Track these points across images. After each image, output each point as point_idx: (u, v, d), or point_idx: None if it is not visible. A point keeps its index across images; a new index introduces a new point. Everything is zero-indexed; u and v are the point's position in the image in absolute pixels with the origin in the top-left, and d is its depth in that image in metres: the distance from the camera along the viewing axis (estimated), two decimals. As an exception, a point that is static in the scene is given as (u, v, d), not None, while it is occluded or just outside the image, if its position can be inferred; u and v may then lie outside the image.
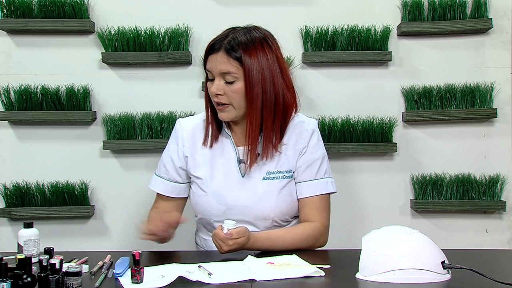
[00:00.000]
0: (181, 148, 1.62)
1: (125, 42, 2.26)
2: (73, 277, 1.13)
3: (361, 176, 2.34)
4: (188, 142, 1.62)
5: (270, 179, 1.57)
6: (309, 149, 1.59)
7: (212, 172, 1.59)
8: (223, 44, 1.48)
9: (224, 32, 1.53)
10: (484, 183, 2.30)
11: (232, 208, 1.56)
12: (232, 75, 1.48)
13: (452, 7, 2.28)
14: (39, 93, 2.27)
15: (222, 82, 1.49)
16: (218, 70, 1.49)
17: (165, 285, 1.16)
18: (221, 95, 1.50)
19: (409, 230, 1.27)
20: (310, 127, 1.61)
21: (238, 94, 1.49)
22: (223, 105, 1.51)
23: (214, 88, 1.49)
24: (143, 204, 2.35)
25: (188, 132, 1.63)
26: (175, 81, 2.34)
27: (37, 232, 1.41)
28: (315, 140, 1.61)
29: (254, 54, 1.47)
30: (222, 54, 1.48)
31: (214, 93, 1.50)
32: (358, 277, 1.23)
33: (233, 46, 1.47)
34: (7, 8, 2.25)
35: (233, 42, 1.48)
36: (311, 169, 1.59)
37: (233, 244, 1.37)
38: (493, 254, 1.53)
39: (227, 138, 1.61)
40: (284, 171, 1.58)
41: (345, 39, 2.28)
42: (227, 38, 1.49)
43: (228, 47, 1.47)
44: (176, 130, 1.65)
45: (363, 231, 1.32)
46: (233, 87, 1.48)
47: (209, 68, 1.52)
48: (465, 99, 2.29)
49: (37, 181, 2.30)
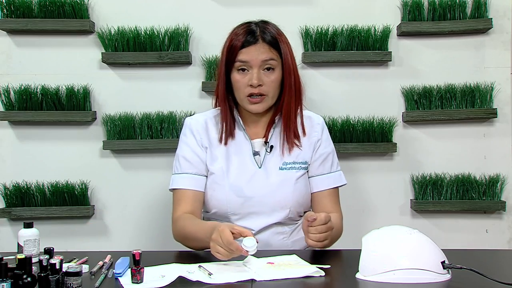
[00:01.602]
0: (199, 140, 1.63)
1: (125, 42, 2.26)
2: (73, 277, 1.13)
3: (361, 176, 2.34)
4: (204, 136, 1.63)
5: (287, 169, 1.60)
6: (323, 143, 1.65)
7: (227, 166, 1.60)
8: (258, 35, 1.53)
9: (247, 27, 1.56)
10: (484, 183, 2.30)
11: (249, 200, 1.58)
12: (273, 63, 1.53)
13: (452, 7, 2.28)
14: (39, 93, 2.27)
15: (261, 72, 1.54)
16: (260, 59, 1.53)
17: (165, 285, 1.16)
18: (261, 85, 1.53)
19: (409, 230, 1.27)
20: (321, 121, 1.68)
21: (275, 83, 1.55)
22: (261, 96, 1.54)
23: (255, 78, 1.52)
24: (143, 204, 2.36)
25: (202, 126, 1.64)
26: (175, 81, 2.34)
27: (37, 232, 1.41)
28: (326, 134, 1.68)
29: (285, 42, 1.56)
30: (262, 44, 1.53)
31: (256, 84, 1.52)
32: (358, 277, 1.23)
33: (270, 36, 1.54)
34: (7, 8, 2.25)
35: (267, 32, 1.54)
36: (326, 163, 1.65)
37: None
38: (493, 254, 1.53)
39: (240, 131, 1.63)
40: (300, 162, 1.62)
41: (345, 39, 2.28)
42: (258, 31, 1.54)
43: (265, 37, 1.53)
44: (189, 125, 1.66)
45: (363, 231, 1.32)
46: (273, 76, 1.54)
47: (246, 59, 1.53)
48: (465, 99, 2.29)
49: (37, 181, 2.30)
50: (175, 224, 1.57)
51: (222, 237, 1.26)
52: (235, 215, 1.59)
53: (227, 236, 1.25)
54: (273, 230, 1.61)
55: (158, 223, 2.34)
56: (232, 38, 1.55)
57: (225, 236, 1.26)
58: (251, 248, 1.26)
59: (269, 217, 1.59)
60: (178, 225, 1.55)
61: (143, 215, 2.36)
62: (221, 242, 1.26)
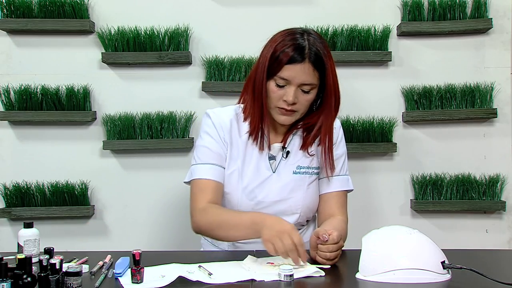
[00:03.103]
0: (222, 136, 1.58)
1: (125, 42, 2.26)
2: (73, 277, 1.13)
3: (361, 176, 2.34)
4: (227, 133, 1.59)
5: (301, 173, 1.59)
6: (336, 145, 1.64)
7: (243, 168, 1.58)
8: (306, 54, 1.45)
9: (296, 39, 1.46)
10: (484, 183, 2.30)
11: (260, 204, 1.57)
12: (311, 86, 1.48)
13: (452, 7, 2.28)
14: (39, 93, 2.27)
15: (299, 91, 1.48)
16: (300, 81, 1.46)
17: (165, 285, 1.16)
18: (295, 104, 1.49)
19: (409, 230, 1.27)
20: (338, 125, 1.66)
21: (309, 102, 1.51)
22: (292, 112, 1.51)
23: (292, 97, 1.46)
24: (143, 204, 2.36)
25: (225, 123, 1.59)
26: (175, 81, 2.34)
27: (37, 232, 1.41)
28: (341, 137, 1.66)
29: (331, 63, 1.50)
30: (308, 66, 1.45)
31: (290, 102, 1.47)
32: (358, 277, 1.23)
33: (318, 57, 1.46)
34: (7, 8, 2.25)
35: (316, 51, 1.45)
36: (337, 165, 1.63)
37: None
38: (493, 254, 1.53)
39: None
40: (314, 167, 1.61)
41: (345, 39, 2.28)
42: (307, 46, 1.45)
43: (313, 57, 1.45)
44: (211, 117, 1.60)
45: (363, 231, 1.32)
46: (308, 96, 1.49)
47: (287, 77, 1.46)
48: (465, 99, 2.29)
49: (37, 181, 2.30)
50: (201, 213, 1.50)
51: (295, 236, 1.27)
52: None
53: (300, 239, 1.27)
54: None
55: (158, 223, 2.34)
56: (278, 48, 1.46)
57: (298, 238, 1.27)
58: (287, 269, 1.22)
59: None
60: (208, 213, 1.49)
61: (143, 215, 2.36)
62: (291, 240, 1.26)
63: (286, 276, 1.20)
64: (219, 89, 2.28)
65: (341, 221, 1.58)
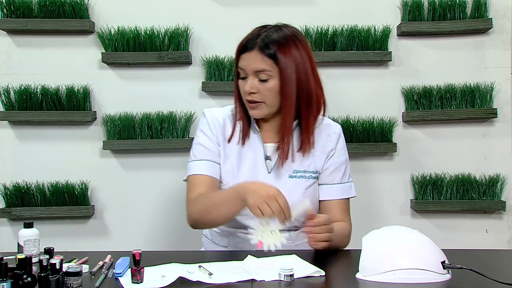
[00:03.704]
0: (215, 134, 1.61)
1: (125, 42, 2.26)
2: (73, 277, 1.13)
3: (361, 176, 2.34)
4: (219, 132, 1.61)
5: (297, 177, 1.58)
6: (336, 152, 1.62)
7: (239, 167, 1.59)
8: (256, 43, 1.48)
9: (255, 31, 1.52)
10: (484, 183, 2.30)
11: None
12: (266, 73, 1.48)
13: (452, 7, 2.28)
14: (39, 93, 2.27)
15: (255, 80, 1.50)
16: (252, 68, 1.49)
17: (165, 285, 1.16)
18: (254, 93, 1.50)
19: (409, 230, 1.27)
20: (338, 131, 1.64)
21: (272, 91, 1.50)
22: (256, 103, 1.52)
23: (248, 86, 1.50)
24: (143, 204, 2.36)
25: (219, 123, 1.62)
26: (175, 81, 2.34)
27: (37, 232, 1.41)
28: (342, 144, 1.65)
29: (287, 51, 1.48)
30: (256, 53, 1.48)
31: (248, 91, 1.50)
32: (358, 277, 1.23)
33: (267, 44, 1.47)
34: (7, 8, 2.25)
35: (266, 40, 1.48)
36: (338, 172, 1.62)
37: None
38: (493, 254, 1.53)
39: (255, 133, 1.61)
40: (311, 171, 1.60)
41: (345, 39, 2.28)
42: (260, 37, 1.49)
43: (262, 45, 1.47)
44: (206, 116, 1.64)
45: (363, 231, 1.32)
46: (267, 85, 1.49)
47: (242, 66, 1.51)
48: (465, 99, 2.29)
49: (37, 181, 2.30)
50: (193, 204, 1.53)
51: (280, 199, 1.31)
52: (240, 216, 1.58)
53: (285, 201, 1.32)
54: None
55: (159, 223, 2.34)
56: (241, 42, 1.53)
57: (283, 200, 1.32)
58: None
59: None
60: (198, 201, 1.51)
61: (143, 215, 2.36)
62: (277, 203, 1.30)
63: (286, 276, 1.20)
64: (219, 89, 2.28)
65: (342, 225, 1.58)
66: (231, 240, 1.61)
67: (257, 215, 1.32)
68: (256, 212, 1.32)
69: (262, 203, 1.31)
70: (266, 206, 1.30)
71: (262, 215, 1.31)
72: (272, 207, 1.30)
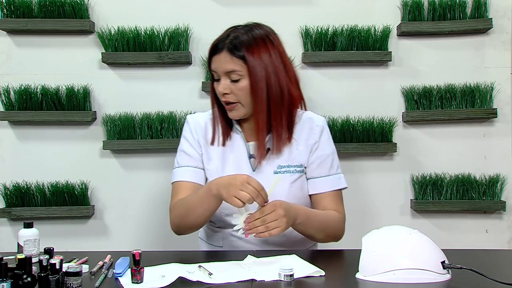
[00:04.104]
0: (196, 138, 1.63)
1: (125, 42, 2.26)
2: (73, 277, 1.13)
3: (361, 176, 2.34)
4: (201, 136, 1.63)
5: (281, 173, 1.58)
6: (321, 145, 1.62)
7: (223, 167, 1.60)
8: (225, 44, 1.50)
9: (226, 32, 1.54)
10: (484, 183, 2.30)
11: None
12: (236, 73, 1.49)
13: (452, 7, 2.28)
14: (39, 93, 2.27)
15: (227, 81, 1.51)
16: (222, 70, 1.51)
17: (165, 285, 1.16)
18: (228, 94, 1.52)
19: (409, 230, 1.27)
20: (320, 123, 1.64)
21: (244, 91, 1.51)
22: (232, 103, 1.53)
23: (221, 87, 1.51)
24: (143, 204, 2.36)
25: (200, 127, 1.64)
26: (175, 81, 2.34)
27: (37, 232, 1.41)
28: (326, 136, 1.64)
29: (256, 51, 1.49)
30: (225, 54, 1.49)
31: (221, 93, 1.52)
32: (358, 277, 1.23)
33: (236, 45, 1.49)
34: (7, 8, 2.25)
35: (235, 41, 1.49)
36: (325, 165, 1.62)
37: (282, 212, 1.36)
38: (493, 254, 1.53)
39: (237, 133, 1.62)
40: (295, 165, 1.60)
41: (345, 39, 2.28)
42: (228, 38, 1.50)
43: (230, 46, 1.49)
44: (189, 123, 1.66)
45: (363, 231, 1.32)
46: (239, 85, 1.50)
47: (213, 69, 1.54)
48: (465, 99, 2.29)
49: (37, 181, 2.30)
50: (173, 209, 1.55)
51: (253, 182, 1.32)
52: (229, 215, 1.59)
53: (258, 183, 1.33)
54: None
55: (158, 223, 2.34)
56: (212, 43, 1.54)
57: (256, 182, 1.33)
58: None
59: None
60: (176, 206, 1.54)
61: (143, 215, 2.36)
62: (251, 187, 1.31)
63: (286, 276, 1.20)
64: (219, 89, 2.27)
65: (333, 213, 1.57)
66: (226, 240, 1.62)
67: (236, 205, 1.33)
68: (235, 202, 1.33)
69: (237, 191, 1.32)
70: (242, 192, 1.32)
71: (241, 203, 1.33)
72: (248, 191, 1.32)
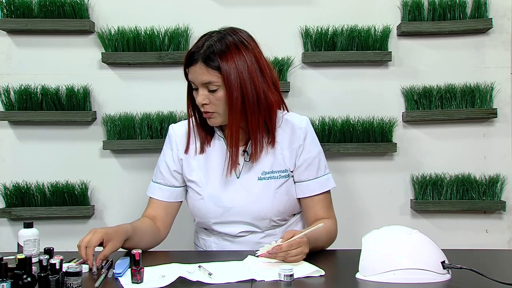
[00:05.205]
0: (175, 152, 1.63)
1: (125, 42, 2.26)
2: (73, 277, 1.13)
3: (361, 176, 2.34)
4: (181, 146, 1.63)
5: (266, 179, 1.57)
6: (306, 147, 1.59)
7: (207, 175, 1.59)
8: (200, 55, 1.47)
9: (200, 41, 1.51)
10: (484, 183, 2.30)
11: (229, 210, 1.57)
12: (213, 84, 1.47)
13: (452, 7, 2.28)
14: (39, 93, 2.27)
15: (205, 91, 1.49)
16: (199, 81, 1.49)
17: (165, 285, 1.16)
18: (207, 104, 1.50)
19: (409, 230, 1.27)
20: (303, 125, 1.60)
21: (221, 101, 1.49)
22: (211, 113, 1.52)
23: (200, 98, 1.50)
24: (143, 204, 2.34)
25: (181, 137, 1.64)
26: (175, 81, 2.33)
27: (37, 232, 1.42)
28: (311, 138, 1.61)
29: (230, 60, 1.46)
30: (200, 65, 1.47)
31: (201, 103, 1.50)
32: (358, 277, 1.23)
33: (209, 56, 1.46)
34: (7, 8, 2.25)
35: (208, 52, 1.46)
36: (312, 168, 1.60)
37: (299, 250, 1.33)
38: (493, 254, 1.53)
39: (220, 140, 1.61)
40: (279, 171, 1.58)
41: (345, 39, 2.28)
42: (202, 48, 1.48)
43: (204, 57, 1.47)
44: (169, 135, 1.66)
45: (363, 231, 1.32)
46: (217, 95, 1.48)
47: (191, 79, 1.53)
48: (465, 99, 2.29)
49: (37, 181, 2.30)
50: None
51: (87, 237, 1.35)
52: (216, 224, 1.60)
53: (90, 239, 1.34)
54: (258, 235, 1.61)
55: (158, 223, 2.33)
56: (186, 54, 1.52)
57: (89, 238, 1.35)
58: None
59: (250, 225, 1.59)
60: None
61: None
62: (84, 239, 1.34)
63: (286, 276, 1.20)
64: (219, 89, 2.27)
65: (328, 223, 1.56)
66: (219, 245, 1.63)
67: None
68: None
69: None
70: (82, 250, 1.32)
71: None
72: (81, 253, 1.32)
